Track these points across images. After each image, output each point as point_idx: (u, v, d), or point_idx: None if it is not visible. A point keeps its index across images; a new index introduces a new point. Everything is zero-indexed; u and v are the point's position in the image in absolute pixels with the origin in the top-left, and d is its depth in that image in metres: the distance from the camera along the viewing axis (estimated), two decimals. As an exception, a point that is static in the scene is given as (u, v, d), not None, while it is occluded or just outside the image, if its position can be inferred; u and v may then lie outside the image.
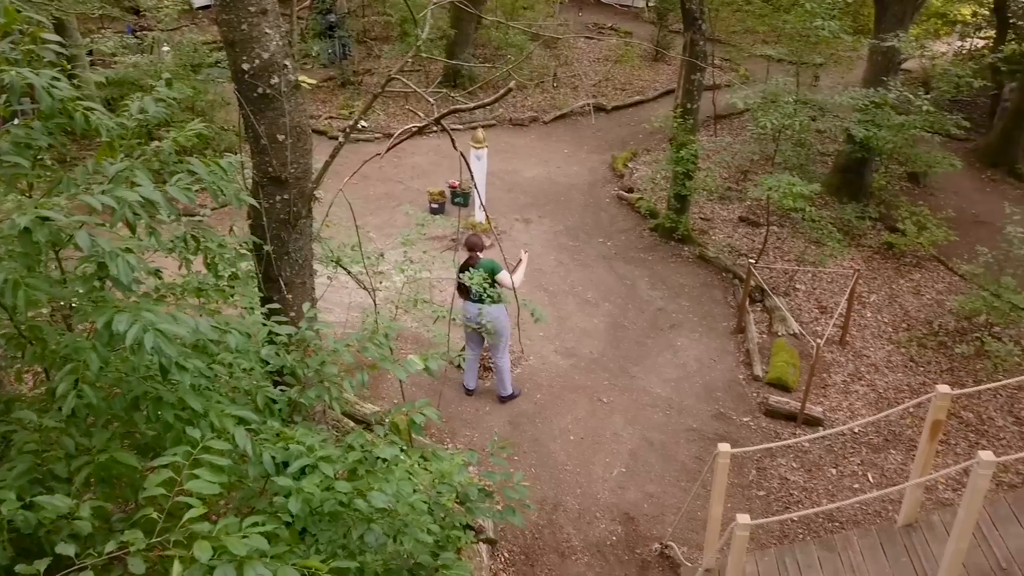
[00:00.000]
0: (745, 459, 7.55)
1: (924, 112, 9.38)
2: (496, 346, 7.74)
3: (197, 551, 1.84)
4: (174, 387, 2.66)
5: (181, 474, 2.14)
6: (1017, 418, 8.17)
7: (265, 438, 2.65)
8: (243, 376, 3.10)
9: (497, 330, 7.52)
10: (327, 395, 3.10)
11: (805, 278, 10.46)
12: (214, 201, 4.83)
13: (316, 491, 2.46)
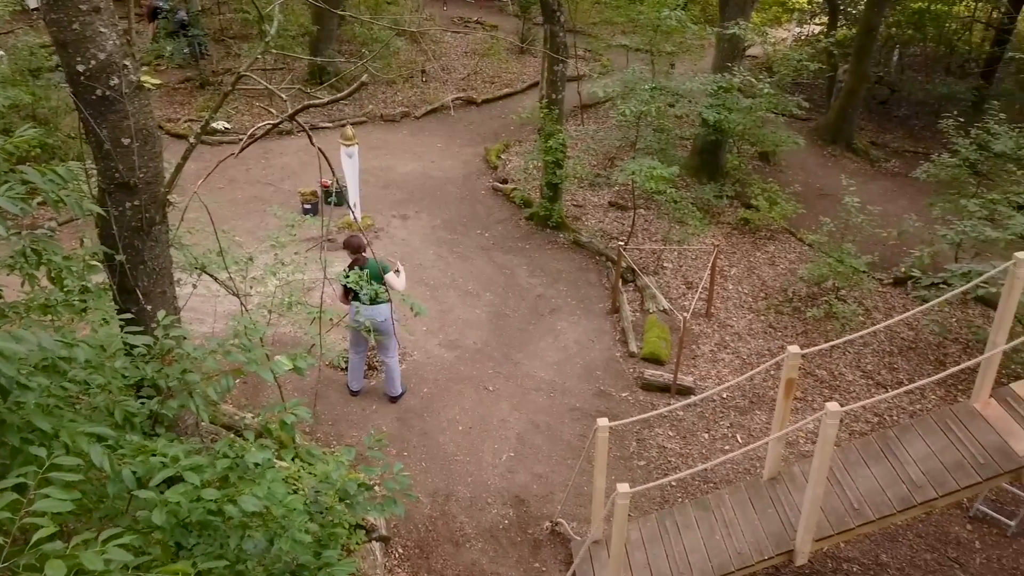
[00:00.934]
0: (625, 432, 7.90)
1: (767, 95, 10.06)
2: (387, 346, 7.71)
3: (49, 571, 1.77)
4: (19, 408, 2.52)
5: (27, 494, 2.04)
6: (864, 372, 8.97)
7: (125, 453, 2.56)
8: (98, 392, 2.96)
9: (388, 330, 7.49)
10: (192, 404, 3.02)
11: (672, 256, 11.01)
12: (56, 212, 4.56)
13: (183, 501, 2.41)
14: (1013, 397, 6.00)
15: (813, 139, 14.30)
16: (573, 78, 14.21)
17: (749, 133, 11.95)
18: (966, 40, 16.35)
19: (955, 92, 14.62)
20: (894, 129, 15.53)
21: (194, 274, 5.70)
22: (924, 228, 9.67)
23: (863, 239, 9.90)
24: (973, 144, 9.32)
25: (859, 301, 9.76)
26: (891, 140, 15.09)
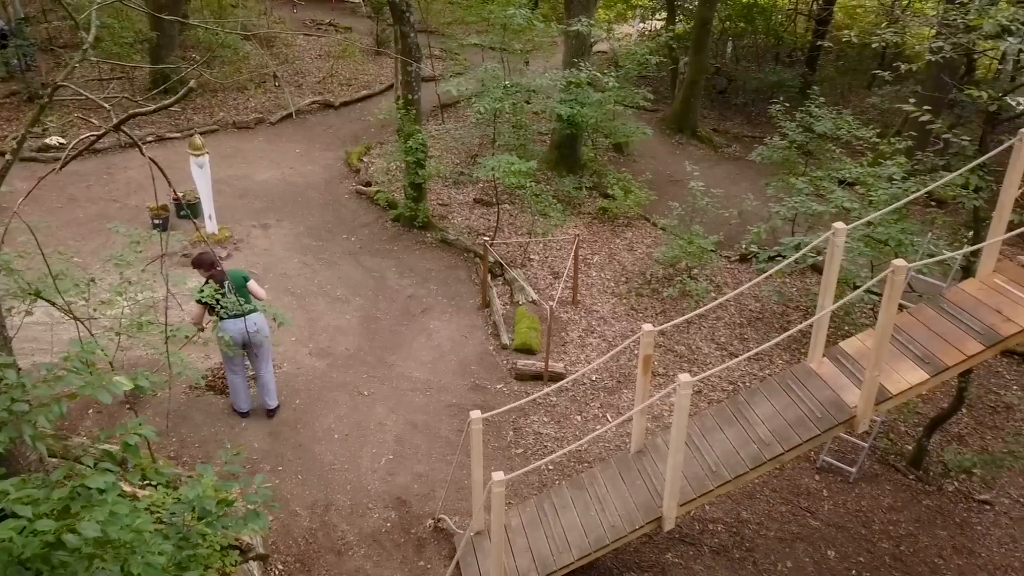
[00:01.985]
0: (502, 423, 8.07)
1: (613, 88, 10.52)
2: (262, 356, 7.48)
3: None
4: None
5: None
6: (718, 344, 9.60)
7: (-54, 495, 2.38)
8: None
9: (265, 341, 7.27)
10: (25, 434, 2.84)
11: (538, 249, 11.31)
12: None
13: (15, 536, 2.28)
14: (842, 354, 6.62)
15: (661, 129, 15.08)
16: (429, 78, 14.28)
17: (602, 126, 12.45)
18: (791, 31, 17.77)
19: (784, 80, 15.86)
20: (733, 116, 16.64)
21: (27, 301, 5.32)
22: (762, 206, 10.45)
23: (709, 220, 10.58)
24: (799, 127, 10.16)
25: (710, 278, 10.42)
26: (731, 126, 16.17)
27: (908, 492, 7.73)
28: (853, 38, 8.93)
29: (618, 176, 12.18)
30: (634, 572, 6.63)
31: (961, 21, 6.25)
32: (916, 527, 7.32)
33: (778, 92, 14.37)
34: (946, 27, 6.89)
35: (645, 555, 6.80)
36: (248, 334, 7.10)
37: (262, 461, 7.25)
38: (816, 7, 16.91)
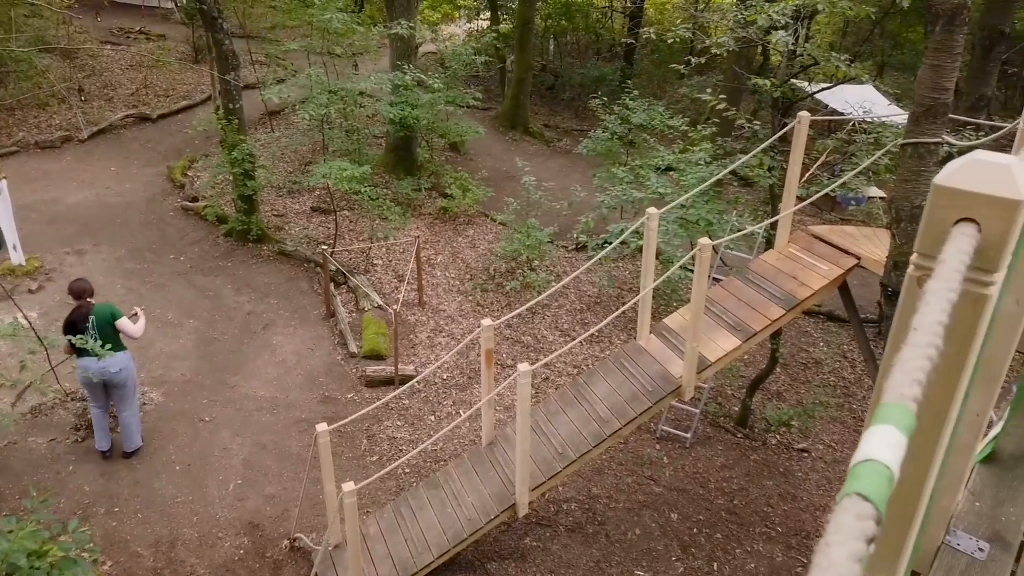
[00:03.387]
0: (355, 432, 7.98)
1: (442, 89, 10.64)
2: (124, 398, 6.98)
3: None
4: None
5: None
6: (562, 331, 9.99)
7: None
8: None
9: (123, 381, 6.77)
10: None
11: (381, 253, 11.24)
12: None
13: None
14: (667, 330, 7.11)
15: (495, 127, 15.41)
16: (252, 85, 13.78)
17: (435, 127, 12.55)
18: (608, 28, 18.70)
19: (605, 74, 16.68)
20: (562, 111, 17.31)
21: None
22: (590, 197, 10.97)
23: (544, 213, 10.96)
24: (617, 119, 10.75)
25: (549, 269, 10.81)
26: (561, 121, 16.80)
27: (737, 450, 8.43)
28: (652, 34, 9.58)
29: (455, 175, 12.33)
30: (495, 561, 6.80)
31: (741, 16, 6.90)
32: (746, 481, 8.00)
33: (600, 86, 15.09)
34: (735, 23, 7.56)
35: (505, 543, 6.99)
36: (110, 374, 6.68)
37: (95, 504, 6.76)
38: (629, 4, 17.89)
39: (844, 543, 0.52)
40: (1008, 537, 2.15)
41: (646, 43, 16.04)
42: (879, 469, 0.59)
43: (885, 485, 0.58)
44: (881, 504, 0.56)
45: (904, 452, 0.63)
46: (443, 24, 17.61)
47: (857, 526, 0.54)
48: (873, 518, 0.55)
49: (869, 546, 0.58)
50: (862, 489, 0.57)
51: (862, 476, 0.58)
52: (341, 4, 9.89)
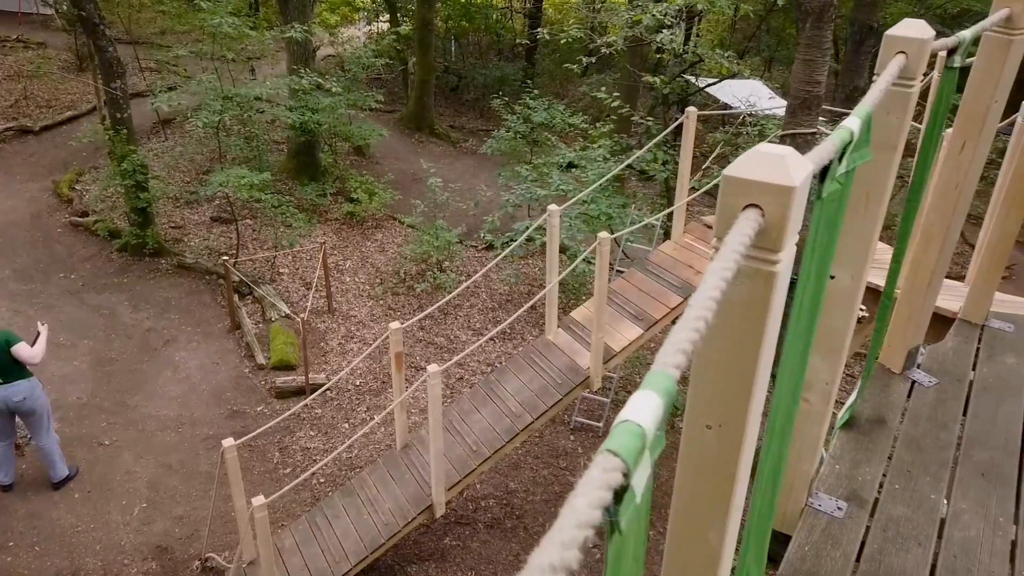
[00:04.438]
0: (267, 446, 7.82)
1: (343, 93, 10.51)
2: (36, 426, 6.60)
3: None
4: None
5: None
6: (475, 330, 10.05)
7: None
8: None
9: (31, 409, 6.38)
10: None
11: (287, 261, 11.01)
12: None
13: None
14: (573, 323, 7.28)
15: (400, 129, 15.32)
16: (142, 93, 13.25)
17: (338, 130, 12.37)
18: (509, 28, 18.87)
19: (507, 74, 16.83)
20: (467, 112, 17.36)
21: None
22: (496, 196, 11.08)
23: (452, 214, 11.00)
24: (519, 118, 10.89)
25: (459, 269, 10.86)
26: (466, 122, 16.84)
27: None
28: (546, 35, 9.75)
29: (361, 179, 12.20)
30: (415, 564, 6.81)
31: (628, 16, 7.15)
32: (657, 464, 8.23)
33: (503, 86, 15.22)
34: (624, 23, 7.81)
35: (425, 545, 7.00)
36: (14, 403, 6.31)
37: (-17, 541, 6.39)
38: (528, 4, 18.13)
39: (589, 493, 0.60)
40: (864, 495, 2.34)
41: (547, 43, 16.29)
42: (632, 428, 0.67)
43: (636, 441, 0.66)
44: (629, 458, 0.64)
45: (661, 412, 0.71)
46: (342, 27, 17.36)
47: (603, 478, 0.61)
48: (620, 470, 0.63)
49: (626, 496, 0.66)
50: (613, 446, 0.64)
51: (616, 435, 0.66)
52: (231, 8, 9.60)
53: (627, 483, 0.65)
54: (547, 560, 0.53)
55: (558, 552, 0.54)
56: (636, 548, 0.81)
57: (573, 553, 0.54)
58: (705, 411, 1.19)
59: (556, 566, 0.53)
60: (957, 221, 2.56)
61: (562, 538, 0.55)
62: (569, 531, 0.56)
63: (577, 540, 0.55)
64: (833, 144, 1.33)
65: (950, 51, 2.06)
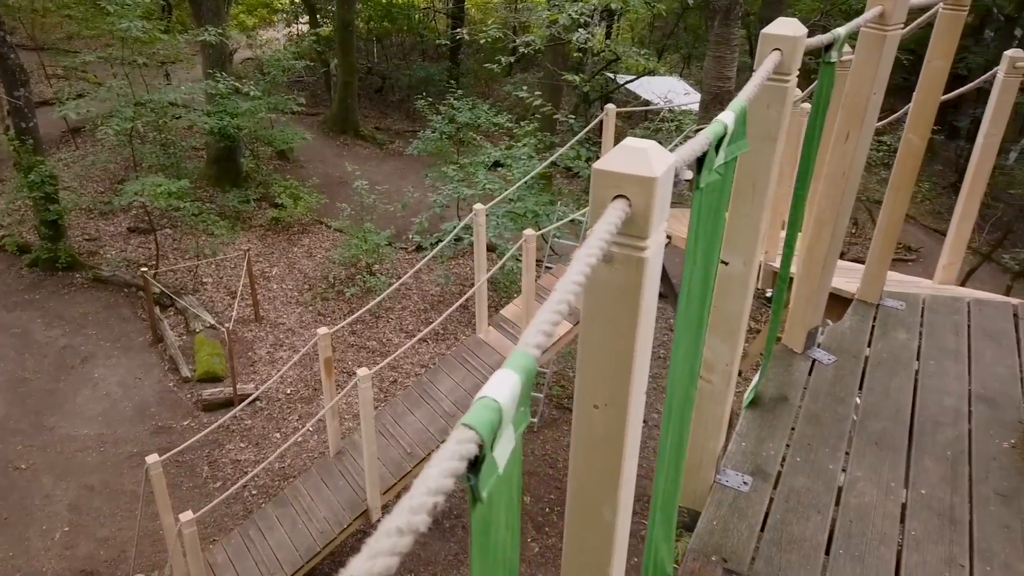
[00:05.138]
0: (195, 460, 7.63)
1: (263, 96, 10.31)
2: None
3: None
4: None
5: None
6: (407, 332, 10.01)
7: None
8: None
9: None
10: None
11: (210, 270, 10.74)
12: None
13: None
14: (504, 320, 7.35)
15: (324, 131, 15.11)
16: (49, 101, 12.71)
17: (259, 135, 12.13)
18: (432, 28, 18.82)
19: (432, 74, 16.78)
20: (393, 113, 17.24)
21: None
22: (424, 197, 11.06)
23: (380, 217, 10.92)
24: (444, 119, 10.90)
25: (390, 272, 10.80)
26: (392, 123, 16.73)
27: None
28: (466, 35, 9.79)
29: (285, 184, 11.99)
30: (353, 569, 6.74)
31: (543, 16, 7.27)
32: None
33: (428, 86, 15.18)
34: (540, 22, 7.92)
35: (362, 550, 6.95)
36: None
37: None
38: (450, 4, 18.12)
39: (442, 463, 0.64)
40: (768, 469, 2.47)
41: (470, 43, 16.32)
42: (488, 403, 0.72)
43: (492, 415, 0.71)
44: (484, 431, 0.69)
45: (520, 389, 0.77)
46: (260, 29, 16.99)
47: (456, 449, 0.66)
48: (475, 442, 0.68)
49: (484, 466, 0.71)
50: (468, 420, 0.69)
51: (474, 410, 0.71)
52: (141, 11, 9.30)
53: (483, 454, 0.70)
54: (395, 524, 0.58)
55: (406, 516, 0.58)
56: (508, 517, 0.86)
57: (421, 517, 0.59)
58: (592, 392, 1.25)
59: (403, 529, 0.57)
60: (846, 207, 2.72)
61: (411, 504, 0.60)
62: (419, 497, 0.60)
63: (426, 506, 0.60)
64: (706, 137, 1.42)
65: (827, 47, 2.19)
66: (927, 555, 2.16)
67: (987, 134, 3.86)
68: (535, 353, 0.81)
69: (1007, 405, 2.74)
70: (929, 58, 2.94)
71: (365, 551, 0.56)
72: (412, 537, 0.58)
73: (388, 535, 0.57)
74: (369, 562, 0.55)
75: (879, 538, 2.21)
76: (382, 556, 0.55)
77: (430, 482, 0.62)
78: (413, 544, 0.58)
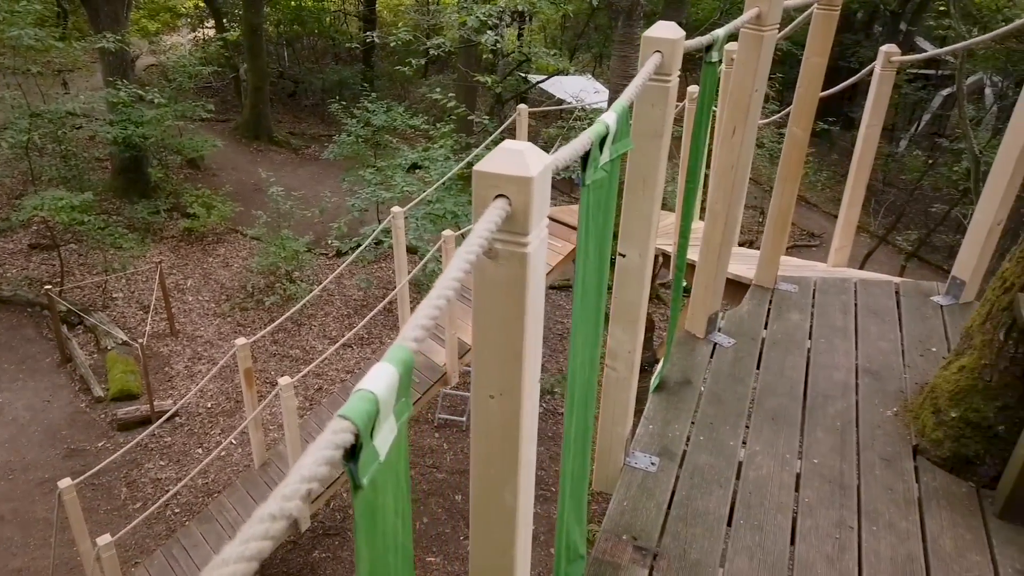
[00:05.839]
0: (112, 482, 7.36)
1: (162, 104, 10.00)
2: None
3: None
4: None
5: None
6: (331, 339, 9.89)
7: None
8: None
9: None
10: None
11: (120, 285, 10.34)
12: None
13: None
14: (427, 322, 7.36)
15: (237, 138, 14.73)
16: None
17: (167, 143, 11.74)
18: (343, 31, 18.58)
19: (345, 77, 16.58)
20: (307, 117, 16.94)
21: None
22: (342, 201, 10.94)
23: (297, 223, 10.75)
24: (359, 122, 10.81)
25: (311, 279, 10.64)
26: (307, 128, 16.45)
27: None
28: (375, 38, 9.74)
29: (197, 193, 11.65)
30: (284, 581, 6.66)
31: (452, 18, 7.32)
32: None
33: (343, 90, 14.99)
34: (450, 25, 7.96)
35: (293, 561, 6.86)
36: None
37: None
38: (362, 7, 17.91)
39: (317, 451, 0.69)
40: (673, 449, 2.60)
41: (383, 45, 16.19)
42: (365, 395, 0.77)
43: (368, 406, 0.76)
44: (360, 421, 0.74)
45: (397, 380, 0.82)
46: (164, 34, 16.41)
47: (331, 439, 0.71)
48: (350, 431, 0.73)
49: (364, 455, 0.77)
50: (345, 411, 0.74)
51: (350, 401, 0.76)
52: (32, 19, 8.86)
53: (361, 443, 0.75)
54: (268, 511, 0.62)
55: (280, 503, 0.63)
56: (397, 504, 0.92)
57: (294, 504, 0.64)
58: (487, 382, 1.31)
59: (276, 515, 0.62)
60: (737, 198, 2.88)
61: (285, 491, 0.64)
62: (293, 485, 0.65)
63: (299, 492, 0.65)
64: (588, 137, 1.50)
65: (707, 48, 2.32)
66: (819, 519, 2.32)
67: (868, 124, 4.13)
68: (412, 346, 0.87)
69: (890, 376, 2.96)
70: (807, 55, 3.14)
71: (239, 536, 0.60)
72: (285, 522, 0.62)
73: (261, 521, 0.61)
74: (242, 546, 0.59)
75: (776, 507, 2.36)
76: (255, 540, 0.60)
77: (304, 470, 0.67)
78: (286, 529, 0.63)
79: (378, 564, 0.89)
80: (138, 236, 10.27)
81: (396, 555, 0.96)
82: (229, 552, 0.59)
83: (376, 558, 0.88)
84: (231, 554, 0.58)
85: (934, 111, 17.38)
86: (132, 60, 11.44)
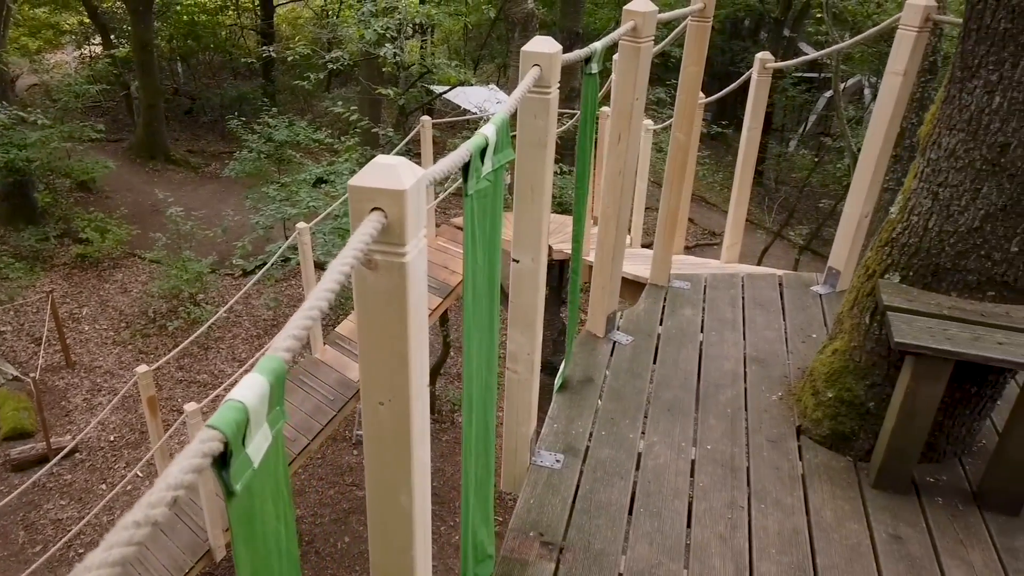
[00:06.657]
0: (8, 525, 6.94)
1: (46, 126, 9.53)
2: None
3: None
4: None
5: None
6: (240, 361, 9.62)
7: None
8: None
9: None
10: None
11: (8, 317, 9.75)
12: None
13: None
14: (340, 338, 7.28)
15: (131, 158, 14.13)
16: None
17: (55, 166, 11.16)
18: (241, 45, 18.12)
19: (245, 93, 16.17)
20: (206, 135, 16.42)
21: None
22: (245, 219, 10.67)
23: (199, 243, 10.42)
24: (260, 138, 10.58)
25: (216, 300, 10.32)
26: (207, 145, 15.93)
27: (431, 435, 8.94)
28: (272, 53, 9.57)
29: (89, 217, 11.12)
30: (201, 615, 6.42)
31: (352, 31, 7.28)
32: (442, 461, 8.54)
33: (242, 105, 14.62)
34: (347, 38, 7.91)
35: (209, 593, 6.63)
36: None
37: None
38: (259, 21, 17.52)
39: (184, 460, 0.72)
40: (577, 445, 2.69)
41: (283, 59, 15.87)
42: (234, 405, 0.80)
43: (237, 415, 0.79)
44: (228, 430, 0.77)
45: (267, 390, 0.86)
46: (46, 52, 15.59)
47: (199, 447, 0.74)
48: (219, 440, 0.76)
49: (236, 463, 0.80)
50: (213, 421, 0.77)
51: (219, 411, 0.79)
52: None
53: (231, 451, 0.78)
54: (133, 518, 0.65)
55: (145, 510, 0.66)
56: (279, 510, 0.95)
57: (160, 510, 0.66)
58: (376, 390, 1.35)
59: (140, 522, 0.65)
60: (626, 202, 3.01)
61: (151, 499, 0.67)
62: (159, 492, 0.68)
63: (165, 499, 0.68)
64: (467, 149, 1.57)
65: (586, 60, 2.44)
66: (713, 502, 2.46)
67: (749, 127, 4.38)
68: (284, 356, 0.90)
69: (775, 363, 3.15)
70: (684, 64, 3.32)
71: (103, 543, 0.63)
72: (149, 529, 0.65)
73: (126, 528, 0.64)
74: (105, 553, 0.61)
75: (673, 493, 2.48)
76: (118, 547, 0.62)
77: (170, 478, 0.70)
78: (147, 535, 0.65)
79: (260, 568, 0.92)
80: (26, 265, 9.72)
81: (280, 559, 0.98)
82: (92, 558, 0.61)
83: (258, 562, 0.91)
84: (94, 560, 0.61)
85: (819, 112, 18.41)
86: (12, 80, 10.83)
